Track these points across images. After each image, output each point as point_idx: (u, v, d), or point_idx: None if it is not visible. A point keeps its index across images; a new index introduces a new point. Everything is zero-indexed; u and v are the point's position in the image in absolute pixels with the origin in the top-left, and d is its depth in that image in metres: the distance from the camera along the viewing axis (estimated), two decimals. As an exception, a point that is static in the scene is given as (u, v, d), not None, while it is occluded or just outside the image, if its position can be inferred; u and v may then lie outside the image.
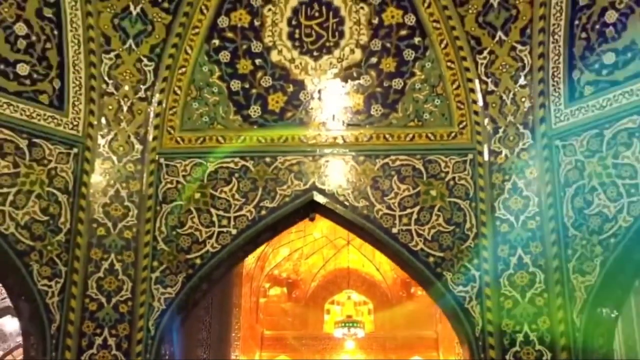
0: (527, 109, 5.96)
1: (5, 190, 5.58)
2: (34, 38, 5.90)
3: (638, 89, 5.39)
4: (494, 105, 6.09)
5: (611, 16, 5.62)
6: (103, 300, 5.81)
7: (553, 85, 5.86)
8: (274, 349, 19.04)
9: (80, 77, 6.07)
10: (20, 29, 5.84)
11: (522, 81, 6.02)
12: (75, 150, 5.97)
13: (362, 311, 19.77)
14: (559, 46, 5.85)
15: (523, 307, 5.65)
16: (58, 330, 5.64)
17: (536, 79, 5.94)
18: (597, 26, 5.69)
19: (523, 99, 6.00)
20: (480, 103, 6.11)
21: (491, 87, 6.11)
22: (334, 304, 19.93)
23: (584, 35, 5.75)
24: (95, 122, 6.10)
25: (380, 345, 19.14)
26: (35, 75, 5.89)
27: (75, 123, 6.02)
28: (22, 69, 5.83)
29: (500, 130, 6.04)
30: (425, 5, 6.26)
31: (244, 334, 15.75)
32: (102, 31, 6.19)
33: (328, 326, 19.27)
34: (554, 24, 5.88)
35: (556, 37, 5.85)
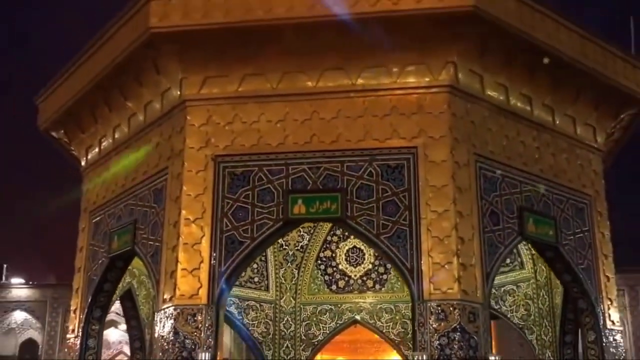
0: (430, 288, 17.02)
1: (254, 320, 16.79)
2: (255, 268, 17.08)
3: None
4: (419, 286, 17.17)
5: (455, 261, 16.73)
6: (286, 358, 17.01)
7: (438, 281, 16.91)
8: (333, 352, 21.69)
9: (272, 280, 17.22)
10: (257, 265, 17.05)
11: (428, 278, 17.08)
12: (271, 305, 17.08)
13: (409, 318, 21.52)
14: (440, 267, 16.92)
15: None
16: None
17: (433, 278, 17.00)
18: (451, 263, 16.77)
19: (428, 285, 17.08)
20: (414, 285, 17.17)
21: (418, 279, 17.19)
22: (385, 312, 21.76)
23: (447, 265, 16.79)
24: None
25: (425, 347, 22.36)
26: (258, 280, 17.04)
27: (271, 295, 17.13)
28: (255, 279, 17.01)
29: (421, 295, 17.11)
30: (394, 248, 17.31)
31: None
32: (279, 255, 17.36)
33: (379, 332, 22.16)
34: (438, 259, 16.93)
35: (439, 264, 16.92)
